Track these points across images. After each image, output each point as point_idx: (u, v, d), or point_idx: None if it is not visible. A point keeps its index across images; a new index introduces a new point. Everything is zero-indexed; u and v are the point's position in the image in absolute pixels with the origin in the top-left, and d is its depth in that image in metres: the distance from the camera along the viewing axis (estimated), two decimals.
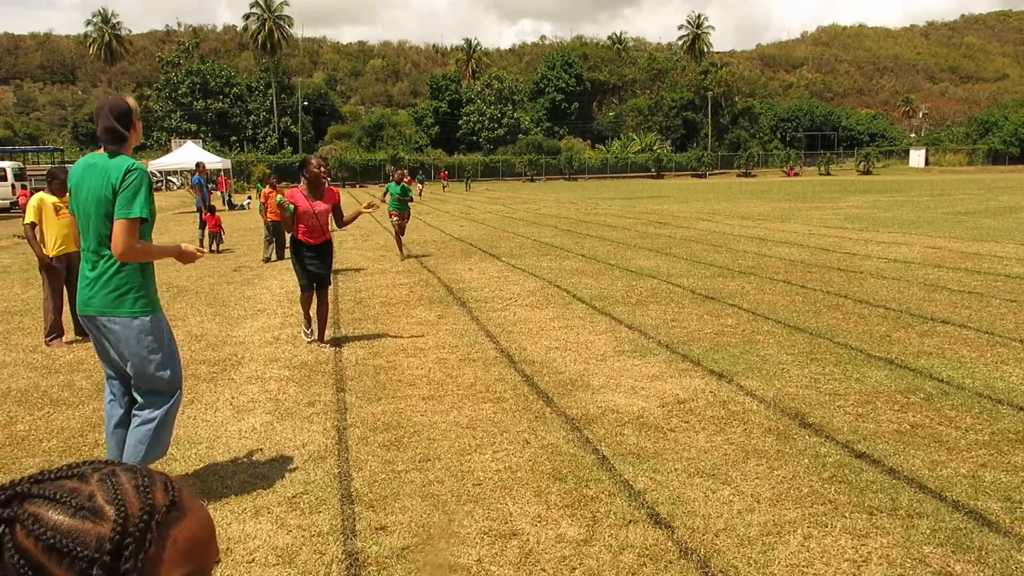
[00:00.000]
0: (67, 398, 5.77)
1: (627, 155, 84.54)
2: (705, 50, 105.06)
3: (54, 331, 7.55)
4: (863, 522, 3.51)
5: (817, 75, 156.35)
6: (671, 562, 3.20)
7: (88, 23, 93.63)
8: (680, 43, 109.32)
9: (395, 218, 14.24)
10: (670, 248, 14.51)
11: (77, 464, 0.79)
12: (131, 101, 3.78)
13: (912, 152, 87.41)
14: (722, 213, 24.37)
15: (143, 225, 3.72)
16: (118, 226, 3.63)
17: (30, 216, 7.48)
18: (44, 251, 7.49)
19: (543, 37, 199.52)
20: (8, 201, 30.01)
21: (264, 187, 16.00)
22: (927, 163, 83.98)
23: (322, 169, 7.21)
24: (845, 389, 5.49)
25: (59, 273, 7.55)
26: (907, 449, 4.36)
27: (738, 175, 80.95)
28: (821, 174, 76.56)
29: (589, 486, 3.95)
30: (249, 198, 37.02)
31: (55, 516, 0.74)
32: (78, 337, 7.65)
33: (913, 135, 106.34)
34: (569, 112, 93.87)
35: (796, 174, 77.15)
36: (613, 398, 5.41)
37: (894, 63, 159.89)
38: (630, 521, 3.56)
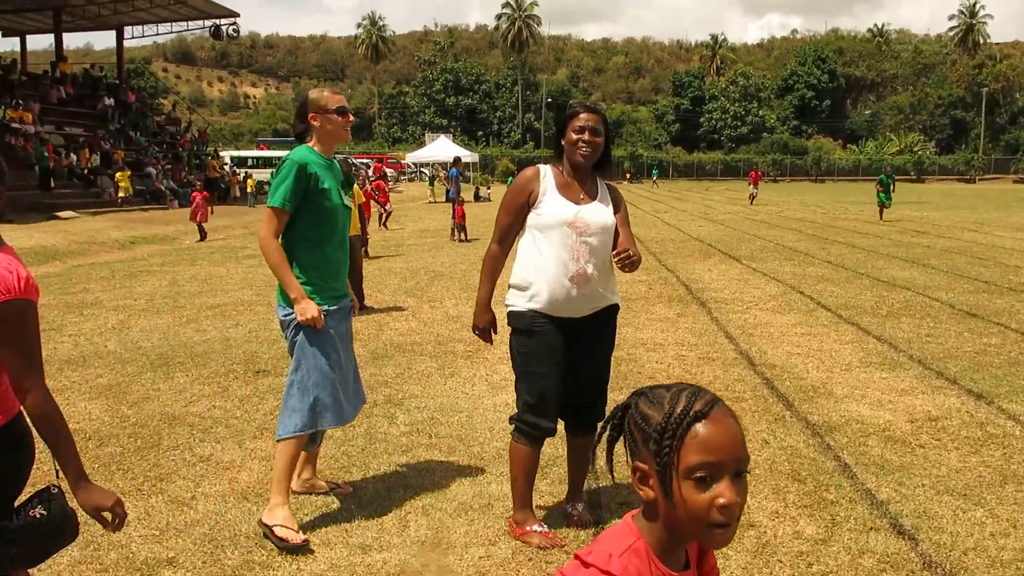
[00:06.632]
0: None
1: (883, 156, 78.67)
2: (981, 41, 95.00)
3: None
4: None
5: None
6: (913, 572, 3.22)
7: (358, 25, 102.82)
8: (951, 35, 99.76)
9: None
10: (928, 259, 13.56)
11: (675, 384, 1.31)
12: (313, 94, 3.70)
13: None
14: (992, 223, 22.20)
15: (308, 226, 3.58)
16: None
17: None
18: None
19: (794, 31, 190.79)
20: None
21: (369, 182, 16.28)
22: None
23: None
24: None
25: None
26: None
27: (1015, 181, 72.54)
28: None
29: (829, 490, 4.00)
30: (489, 188, 38.95)
31: (643, 405, 1.29)
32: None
33: None
34: (819, 110, 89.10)
35: None
36: (857, 408, 5.33)
37: None
38: (871, 528, 3.59)
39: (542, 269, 3.39)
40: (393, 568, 3.28)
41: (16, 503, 2.18)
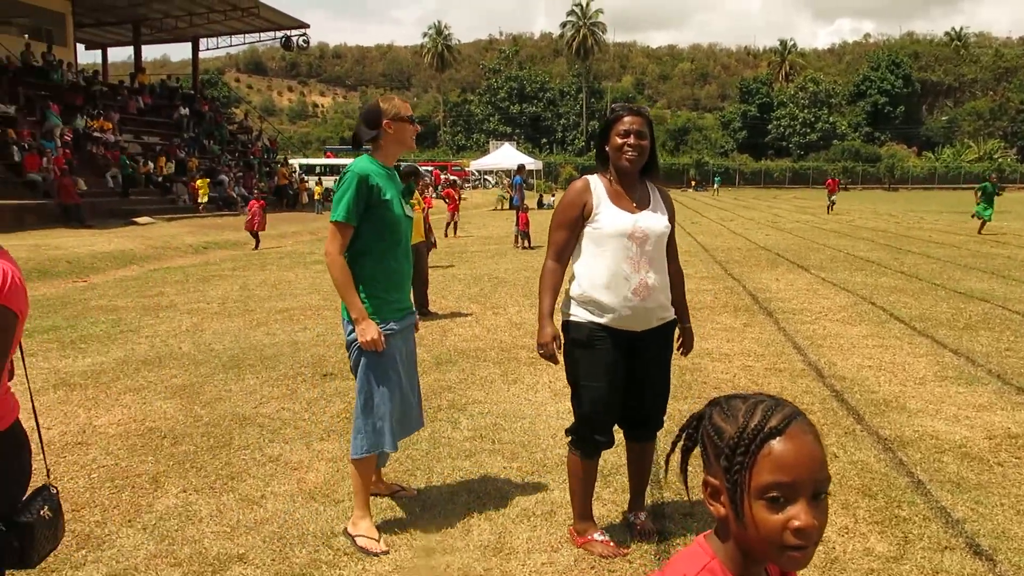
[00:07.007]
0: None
1: (960, 164, 75.99)
2: None
3: None
4: None
5: None
6: None
7: (424, 35, 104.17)
8: None
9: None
10: (1009, 270, 13.05)
11: (753, 394, 1.24)
12: (384, 102, 3.61)
13: None
14: None
15: (371, 239, 3.53)
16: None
17: None
18: None
19: (866, 35, 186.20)
20: None
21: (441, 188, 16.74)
22: None
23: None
24: None
25: None
26: None
27: None
28: None
29: (902, 507, 3.89)
30: (553, 196, 38.98)
31: (716, 416, 1.23)
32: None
33: None
34: (893, 116, 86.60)
35: None
36: (932, 423, 5.17)
37: None
38: (946, 547, 3.47)
39: (603, 283, 3.31)
40: (456, 572, 3.31)
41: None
